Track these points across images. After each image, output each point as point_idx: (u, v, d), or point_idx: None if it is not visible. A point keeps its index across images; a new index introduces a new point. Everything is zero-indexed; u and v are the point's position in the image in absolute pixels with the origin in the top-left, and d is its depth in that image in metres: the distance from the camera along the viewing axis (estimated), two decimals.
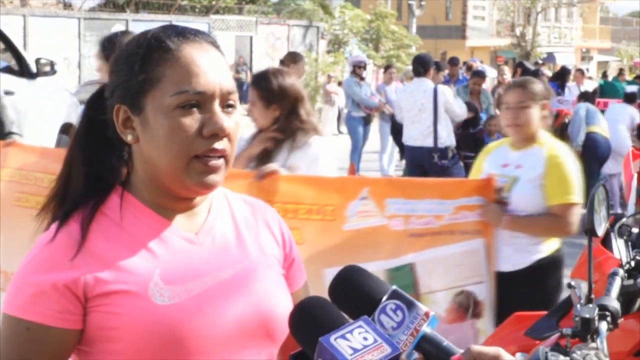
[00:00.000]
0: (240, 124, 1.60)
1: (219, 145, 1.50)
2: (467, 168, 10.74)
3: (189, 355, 1.48)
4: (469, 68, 15.52)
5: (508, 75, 14.88)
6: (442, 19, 48.45)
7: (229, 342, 1.53)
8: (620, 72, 21.34)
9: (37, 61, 9.18)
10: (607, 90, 14.72)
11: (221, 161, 1.52)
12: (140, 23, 22.08)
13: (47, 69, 9.14)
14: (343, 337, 1.28)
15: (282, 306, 1.60)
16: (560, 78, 14.64)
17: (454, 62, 13.36)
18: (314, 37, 27.80)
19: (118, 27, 21.35)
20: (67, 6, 23.07)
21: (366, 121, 13.23)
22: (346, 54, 26.92)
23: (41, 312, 1.46)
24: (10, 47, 9.32)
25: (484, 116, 10.85)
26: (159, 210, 1.56)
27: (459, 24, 49.29)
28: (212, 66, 1.52)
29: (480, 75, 11.84)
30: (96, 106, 1.59)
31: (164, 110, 1.49)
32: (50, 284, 1.46)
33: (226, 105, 1.53)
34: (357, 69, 13.13)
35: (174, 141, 1.48)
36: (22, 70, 8.99)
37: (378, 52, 30.57)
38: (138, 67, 1.51)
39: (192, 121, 1.49)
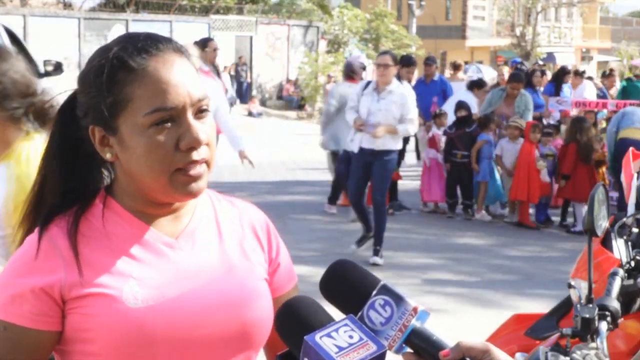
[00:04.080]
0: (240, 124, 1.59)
1: (197, 155, 1.52)
2: (464, 168, 10.81)
3: (161, 358, 1.50)
4: (456, 67, 15.39)
5: (507, 76, 14.87)
6: (442, 19, 48.44)
7: (202, 346, 1.53)
8: (611, 72, 20.75)
9: (45, 62, 9.70)
10: (630, 91, 14.23)
11: (203, 167, 1.53)
12: (140, 23, 22.10)
13: (52, 69, 9.68)
14: (328, 335, 1.28)
15: (261, 311, 1.60)
16: (558, 79, 14.26)
17: (428, 61, 13.17)
18: (314, 37, 27.80)
19: (118, 27, 21.37)
20: (67, 6, 23.08)
21: None
22: (346, 54, 26.92)
23: (18, 313, 1.50)
24: (22, 49, 9.80)
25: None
26: (140, 215, 1.58)
27: (459, 24, 49.29)
28: (179, 78, 1.51)
29: (517, 79, 11.30)
30: (69, 121, 1.59)
31: (138, 130, 1.50)
32: (28, 287, 1.49)
33: (199, 111, 1.54)
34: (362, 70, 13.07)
35: (153, 159, 1.50)
36: (32, 70, 9.25)
37: (378, 52, 30.59)
38: (105, 89, 1.51)
39: (167, 137, 1.50)
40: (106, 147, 1.55)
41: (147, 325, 1.49)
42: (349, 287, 1.37)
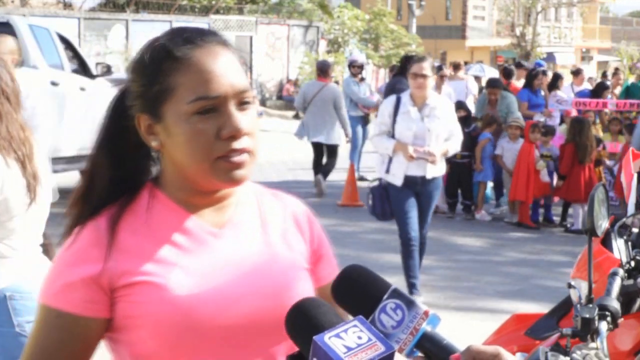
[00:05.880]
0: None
1: (238, 144, 1.56)
2: (464, 168, 10.80)
3: (206, 343, 1.55)
4: (456, 67, 15.37)
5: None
6: (442, 19, 48.45)
7: (245, 333, 1.58)
8: (616, 71, 20.47)
9: (97, 65, 11.42)
10: (634, 91, 14.02)
11: (245, 156, 1.57)
12: (140, 23, 22.09)
13: (105, 70, 11.29)
14: (337, 336, 1.29)
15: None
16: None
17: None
18: (314, 37, 27.79)
19: (118, 27, 21.37)
20: (67, 6, 23.08)
21: (365, 121, 13.25)
22: (346, 54, 26.91)
23: (70, 301, 1.55)
24: (75, 53, 11.37)
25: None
26: (186, 206, 1.63)
27: (459, 24, 49.31)
28: (223, 69, 1.56)
29: (492, 85, 11.40)
30: (119, 111, 1.65)
31: (182, 118, 1.55)
32: (78, 276, 1.55)
33: (242, 103, 1.58)
34: (352, 68, 13.19)
35: (195, 146, 1.55)
36: (85, 72, 11.17)
37: (377, 51, 30.57)
38: (151, 78, 1.57)
39: (209, 125, 1.55)
40: (152, 135, 1.60)
41: (193, 313, 1.53)
42: (360, 291, 1.39)
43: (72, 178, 12.11)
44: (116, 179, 1.64)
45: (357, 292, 1.39)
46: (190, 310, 1.53)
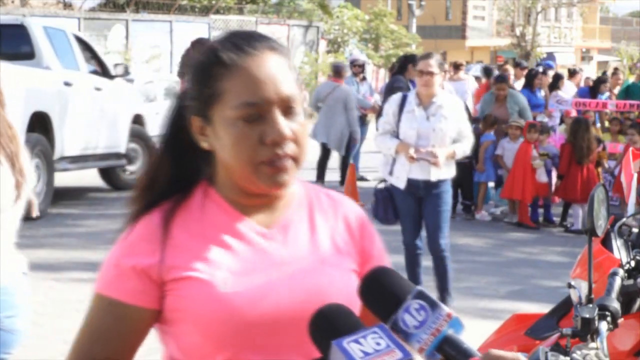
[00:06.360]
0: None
1: (281, 150, 1.59)
2: (465, 169, 10.79)
3: (250, 340, 1.59)
4: (457, 67, 15.37)
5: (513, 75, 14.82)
6: (442, 18, 48.47)
7: (287, 333, 1.61)
8: (615, 71, 20.36)
9: (115, 66, 11.90)
10: (634, 91, 14.12)
11: (289, 162, 1.61)
12: (140, 23, 22.09)
13: (122, 71, 11.74)
14: (356, 341, 1.33)
15: (347, 303, 1.64)
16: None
17: None
18: (314, 37, 27.79)
19: (118, 27, 21.37)
20: (67, 6, 23.07)
21: (362, 121, 13.27)
22: (346, 54, 26.91)
23: (122, 290, 1.62)
24: (94, 54, 11.77)
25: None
26: (237, 206, 1.67)
27: (459, 24, 49.32)
28: (269, 75, 1.60)
29: (501, 80, 11.40)
30: (180, 111, 1.71)
31: (228, 122, 1.60)
32: (130, 267, 1.62)
33: (288, 109, 1.61)
34: (353, 67, 13.25)
35: (239, 150, 1.60)
36: (104, 72, 11.58)
37: (377, 51, 30.56)
38: (202, 82, 1.63)
39: (253, 131, 1.59)
40: (203, 136, 1.65)
41: (236, 310, 1.58)
42: (385, 292, 1.42)
43: (72, 178, 12.11)
44: (174, 176, 1.70)
45: (383, 293, 1.42)
46: (234, 307, 1.58)
